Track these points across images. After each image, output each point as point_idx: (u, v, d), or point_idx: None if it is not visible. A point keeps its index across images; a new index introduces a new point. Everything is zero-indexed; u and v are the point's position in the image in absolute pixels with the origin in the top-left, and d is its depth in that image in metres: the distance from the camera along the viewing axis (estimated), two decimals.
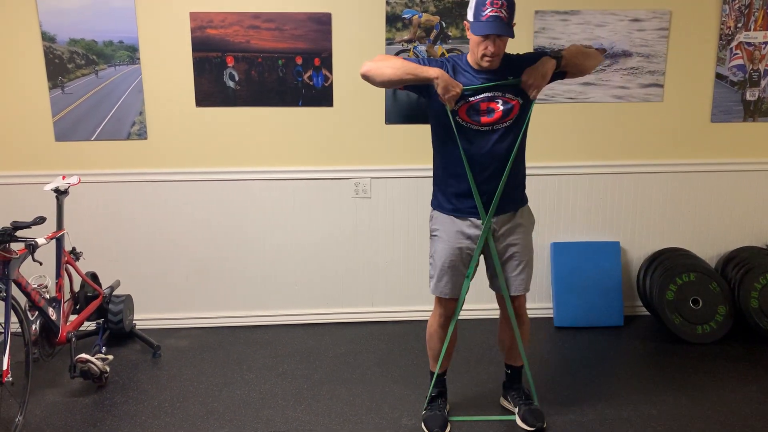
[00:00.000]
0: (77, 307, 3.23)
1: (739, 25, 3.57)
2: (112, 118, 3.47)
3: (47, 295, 3.03)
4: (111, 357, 3.13)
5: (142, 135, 3.50)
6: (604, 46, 3.54)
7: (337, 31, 3.44)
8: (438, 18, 3.46)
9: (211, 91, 3.47)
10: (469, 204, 2.48)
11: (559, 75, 2.45)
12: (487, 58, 2.32)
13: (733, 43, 3.59)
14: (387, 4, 3.43)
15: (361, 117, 3.55)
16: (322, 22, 3.42)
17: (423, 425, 2.65)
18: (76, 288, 3.27)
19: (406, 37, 3.47)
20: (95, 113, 3.46)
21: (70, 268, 3.18)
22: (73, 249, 3.24)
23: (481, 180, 2.43)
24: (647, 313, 3.82)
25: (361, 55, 3.45)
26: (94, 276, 3.39)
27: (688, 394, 2.94)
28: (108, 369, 3.03)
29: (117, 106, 3.46)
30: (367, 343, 3.50)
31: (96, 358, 2.96)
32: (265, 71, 3.46)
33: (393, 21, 3.45)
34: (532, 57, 2.43)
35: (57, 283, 3.04)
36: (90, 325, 3.41)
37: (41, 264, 2.75)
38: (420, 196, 3.62)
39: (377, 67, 2.35)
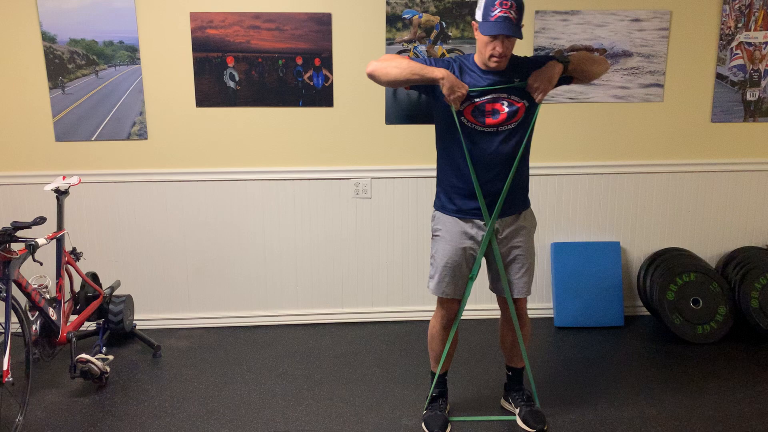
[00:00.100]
0: (77, 307, 3.24)
1: (740, 25, 3.57)
2: (113, 118, 3.47)
3: (47, 296, 3.03)
4: (111, 357, 3.13)
5: (143, 135, 3.50)
6: (604, 47, 3.54)
7: (337, 32, 3.44)
8: (438, 18, 3.46)
9: (211, 91, 3.47)
10: (473, 205, 2.47)
11: (566, 80, 2.44)
12: (495, 59, 2.31)
13: (734, 43, 3.59)
14: (387, 4, 3.43)
15: (362, 117, 3.55)
16: (322, 23, 3.42)
17: (423, 425, 2.65)
18: (77, 288, 3.27)
19: (406, 38, 3.47)
20: (95, 113, 3.46)
21: (71, 268, 3.18)
22: (74, 249, 3.24)
23: (484, 181, 2.43)
24: (647, 313, 3.82)
25: (361, 56, 3.45)
26: (95, 276, 3.39)
27: (688, 394, 2.94)
28: (108, 369, 3.03)
29: (117, 107, 3.46)
30: (368, 344, 3.50)
31: (96, 359, 2.96)
32: (265, 71, 3.46)
33: (393, 21, 3.45)
34: (539, 60, 2.42)
35: (57, 283, 3.04)
36: (90, 326, 3.41)
37: (41, 264, 2.75)
38: (420, 196, 3.63)
39: (383, 66, 2.35)
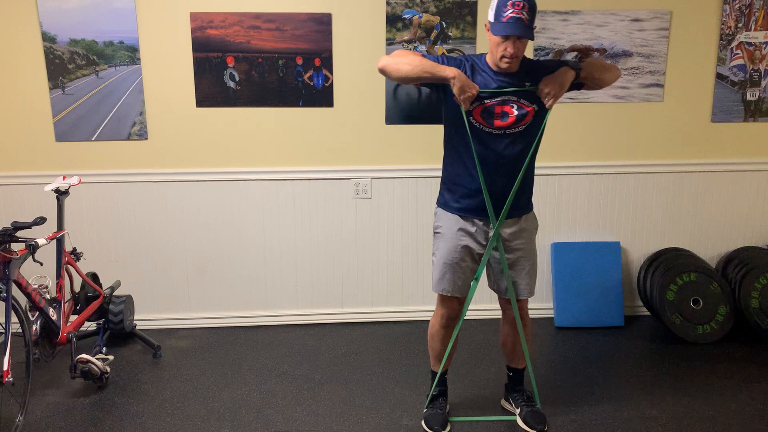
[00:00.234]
0: (78, 307, 3.24)
1: (740, 25, 3.57)
2: (113, 118, 3.47)
3: (48, 296, 3.03)
4: (111, 357, 3.13)
5: (143, 135, 3.50)
6: (604, 47, 3.54)
7: (337, 32, 3.44)
8: (438, 18, 3.46)
9: (211, 91, 3.47)
10: (475, 204, 2.48)
11: (576, 86, 2.44)
12: (506, 60, 2.30)
13: (734, 43, 3.59)
14: (387, 4, 3.43)
15: (362, 117, 3.55)
16: (322, 23, 3.42)
17: (423, 423, 2.66)
18: (77, 288, 3.27)
19: (406, 38, 3.47)
20: (96, 113, 3.46)
21: (71, 268, 3.18)
22: (74, 249, 3.24)
23: (488, 182, 2.43)
24: (648, 313, 3.82)
25: (361, 56, 3.45)
26: (95, 276, 3.39)
27: (688, 394, 2.94)
28: (108, 369, 3.03)
29: (117, 107, 3.46)
30: (368, 344, 3.50)
31: (96, 359, 2.96)
32: (265, 71, 3.46)
33: (393, 21, 3.45)
34: (551, 65, 2.41)
35: (57, 283, 3.04)
36: (90, 326, 3.41)
37: (42, 264, 2.74)
38: (420, 196, 3.63)
39: (395, 62, 2.34)
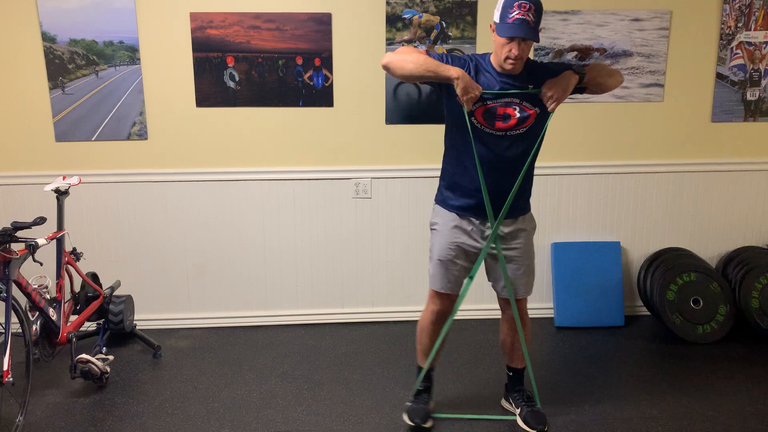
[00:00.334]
0: (78, 307, 3.24)
1: (740, 24, 3.57)
2: (113, 118, 3.47)
3: (48, 296, 3.03)
4: (111, 357, 3.13)
5: (143, 135, 3.50)
6: (604, 46, 3.54)
7: (337, 32, 3.44)
8: (438, 18, 3.46)
9: (211, 91, 3.47)
10: (473, 204, 2.48)
11: (579, 90, 2.44)
12: (511, 61, 2.30)
13: (734, 43, 3.59)
14: (387, 4, 3.43)
15: (362, 117, 3.55)
16: (322, 23, 3.42)
17: (405, 416, 2.67)
18: (77, 288, 3.27)
19: (406, 37, 3.47)
20: (96, 113, 3.46)
21: (71, 268, 3.18)
22: (74, 249, 3.24)
23: (488, 183, 2.44)
24: (648, 313, 3.82)
25: (361, 56, 3.45)
26: (95, 276, 3.39)
27: (689, 394, 2.94)
28: (108, 369, 3.03)
29: (117, 107, 3.46)
30: (368, 344, 3.50)
31: (96, 359, 2.96)
32: (265, 71, 3.46)
33: (393, 21, 3.45)
34: (555, 68, 2.41)
35: (57, 283, 3.04)
36: (90, 326, 3.41)
37: (42, 264, 2.74)
38: (421, 196, 3.62)
39: (399, 60, 2.34)
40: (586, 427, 2.68)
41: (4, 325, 2.46)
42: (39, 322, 2.88)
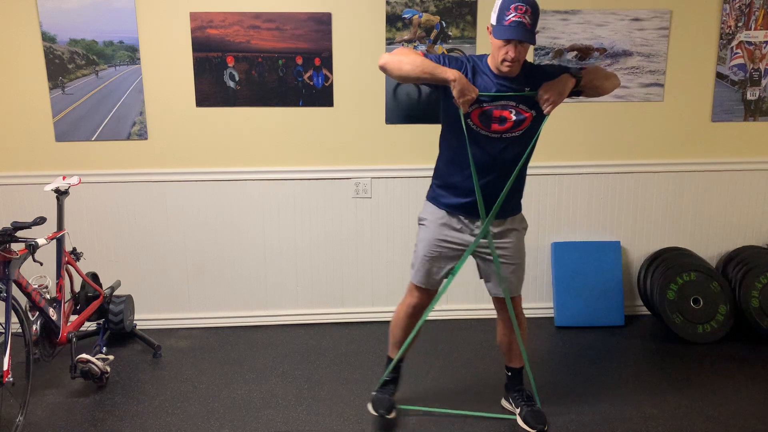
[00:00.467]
0: (78, 307, 3.24)
1: (740, 24, 3.57)
2: (113, 118, 3.47)
3: (48, 296, 3.03)
4: (111, 357, 3.13)
5: (143, 135, 3.50)
6: (604, 46, 3.53)
7: (337, 31, 3.44)
8: (438, 18, 3.46)
9: (211, 91, 3.47)
10: (464, 203, 2.50)
11: (575, 93, 2.44)
12: (507, 63, 2.30)
13: (734, 43, 3.59)
14: (387, 3, 3.43)
15: (362, 117, 3.55)
16: (322, 22, 3.42)
17: (369, 405, 2.69)
18: (77, 288, 3.27)
19: (406, 37, 3.47)
20: (95, 113, 3.46)
21: (71, 268, 3.18)
22: (74, 249, 3.24)
23: (481, 183, 2.45)
24: (648, 312, 3.82)
25: (361, 55, 3.45)
26: (95, 276, 3.39)
27: (689, 393, 2.93)
28: (108, 369, 3.03)
29: (117, 107, 3.46)
30: (368, 343, 3.50)
31: (97, 359, 2.96)
32: (265, 71, 3.46)
33: (393, 21, 3.45)
34: (552, 71, 2.41)
35: (57, 283, 3.04)
36: (91, 326, 3.41)
37: (42, 264, 2.74)
38: (421, 195, 3.58)
39: (396, 61, 2.34)
40: (586, 426, 2.68)
41: (4, 325, 2.46)
42: (39, 322, 2.88)
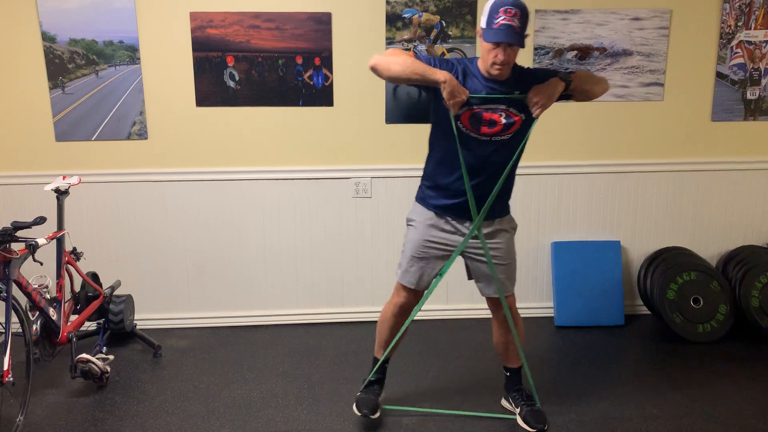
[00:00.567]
0: (78, 307, 3.24)
1: (740, 23, 3.57)
2: (113, 118, 3.47)
3: (48, 296, 3.03)
4: (112, 357, 3.13)
5: (143, 135, 3.50)
6: (604, 45, 3.53)
7: (337, 31, 3.44)
8: (438, 17, 3.46)
9: (211, 90, 3.47)
10: (452, 205, 2.51)
11: (565, 97, 2.45)
12: (497, 66, 2.30)
13: (734, 42, 3.59)
14: (387, 3, 3.43)
15: (362, 116, 3.55)
16: (322, 22, 3.42)
17: (354, 406, 2.69)
18: (77, 288, 3.27)
19: (406, 37, 3.47)
20: (95, 113, 3.46)
21: (71, 268, 3.18)
22: (74, 249, 3.24)
23: (470, 185, 2.45)
24: (648, 312, 3.82)
25: (361, 55, 3.45)
26: (95, 276, 3.39)
27: (689, 393, 2.94)
28: (109, 369, 3.03)
29: (117, 106, 3.46)
30: (368, 343, 3.47)
31: (97, 358, 2.96)
32: (265, 71, 3.46)
33: (393, 20, 3.45)
34: (542, 75, 2.42)
35: (58, 283, 3.04)
36: (91, 325, 3.41)
37: (42, 264, 2.74)
38: None
39: (387, 61, 2.34)
40: (586, 426, 2.68)
41: (4, 325, 2.47)
42: (39, 322, 2.88)
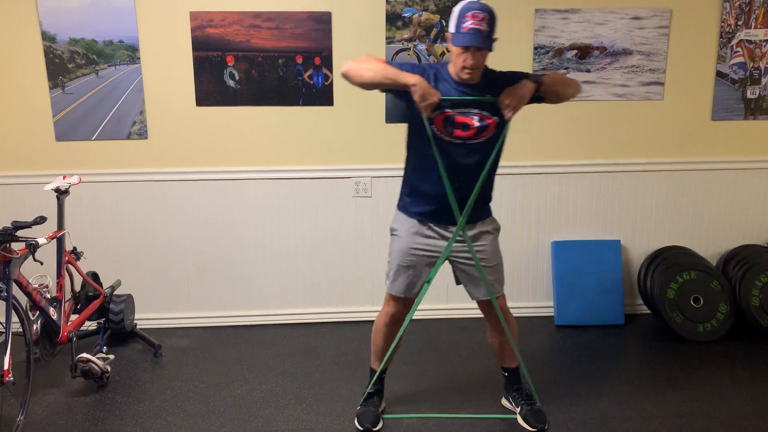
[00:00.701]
0: (78, 306, 3.24)
1: (740, 22, 3.57)
2: (113, 117, 3.47)
3: (48, 295, 3.03)
4: (112, 356, 3.13)
5: (143, 134, 3.50)
6: (604, 44, 3.53)
7: (337, 30, 3.44)
8: (438, 17, 3.46)
9: (211, 90, 3.47)
10: (433, 210, 2.51)
11: (536, 99, 2.45)
12: (467, 71, 2.32)
13: (734, 41, 3.59)
14: (387, 2, 3.43)
15: (362, 116, 3.55)
16: (322, 21, 3.42)
17: (356, 420, 2.68)
18: (77, 288, 3.27)
19: (406, 36, 3.47)
20: (96, 113, 3.46)
21: (71, 267, 3.18)
22: (74, 249, 3.25)
23: (450, 190, 2.46)
24: (648, 311, 3.82)
25: (361, 54, 3.42)
26: (95, 276, 3.39)
27: (689, 392, 2.94)
28: (109, 368, 3.03)
29: (117, 106, 3.46)
30: (368, 342, 3.46)
31: (97, 358, 2.96)
32: (265, 70, 3.46)
33: (393, 20, 3.45)
34: (513, 77, 2.43)
35: (58, 282, 3.04)
36: (91, 325, 3.41)
37: (42, 264, 2.74)
38: None
39: (357, 68, 2.38)
40: (586, 425, 2.68)
41: (4, 325, 2.47)
42: (39, 322, 2.88)
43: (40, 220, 2.68)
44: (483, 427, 2.68)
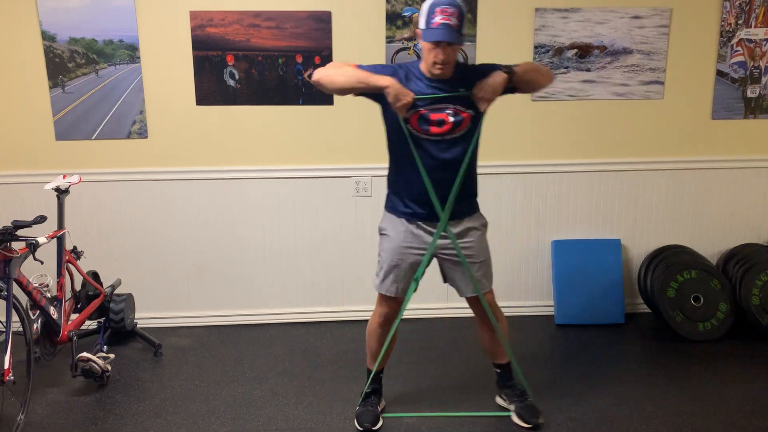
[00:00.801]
0: (78, 306, 3.24)
1: (740, 21, 3.56)
2: (113, 117, 3.47)
3: (48, 294, 3.03)
4: (112, 356, 3.14)
5: (143, 134, 3.50)
6: (604, 44, 3.53)
7: (337, 30, 3.44)
8: None
9: (211, 89, 3.47)
10: (418, 209, 2.51)
11: (510, 90, 2.45)
12: (438, 66, 2.33)
13: (734, 40, 3.59)
14: (387, 2, 3.43)
15: (362, 115, 3.54)
16: (322, 21, 3.42)
17: (355, 420, 2.68)
18: (78, 287, 3.27)
19: (406, 35, 3.47)
20: (96, 112, 3.46)
21: (71, 267, 3.18)
22: (74, 248, 3.25)
23: (431, 187, 2.46)
24: (648, 310, 3.82)
25: (361, 54, 3.45)
26: (95, 275, 3.39)
27: (689, 391, 2.94)
28: (109, 368, 3.04)
29: (117, 105, 3.46)
30: None
31: (97, 357, 2.97)
32: (265, 70, 3.46)
33: (393, 19, 3.45)
34: (485, 69, 2.43)
35: (58, 282, 3.04)
36: (91, 324, 3.41)
37: (42, 263, 2.75)
38: None
39: (329, 74, 2.39)
40: (586, 424, 2.68)
41: (5, 324, 2.47)
42: (40, 321, 2.88)
43: (41, 220, 2.68)
44: (482, 425, 2.68)
